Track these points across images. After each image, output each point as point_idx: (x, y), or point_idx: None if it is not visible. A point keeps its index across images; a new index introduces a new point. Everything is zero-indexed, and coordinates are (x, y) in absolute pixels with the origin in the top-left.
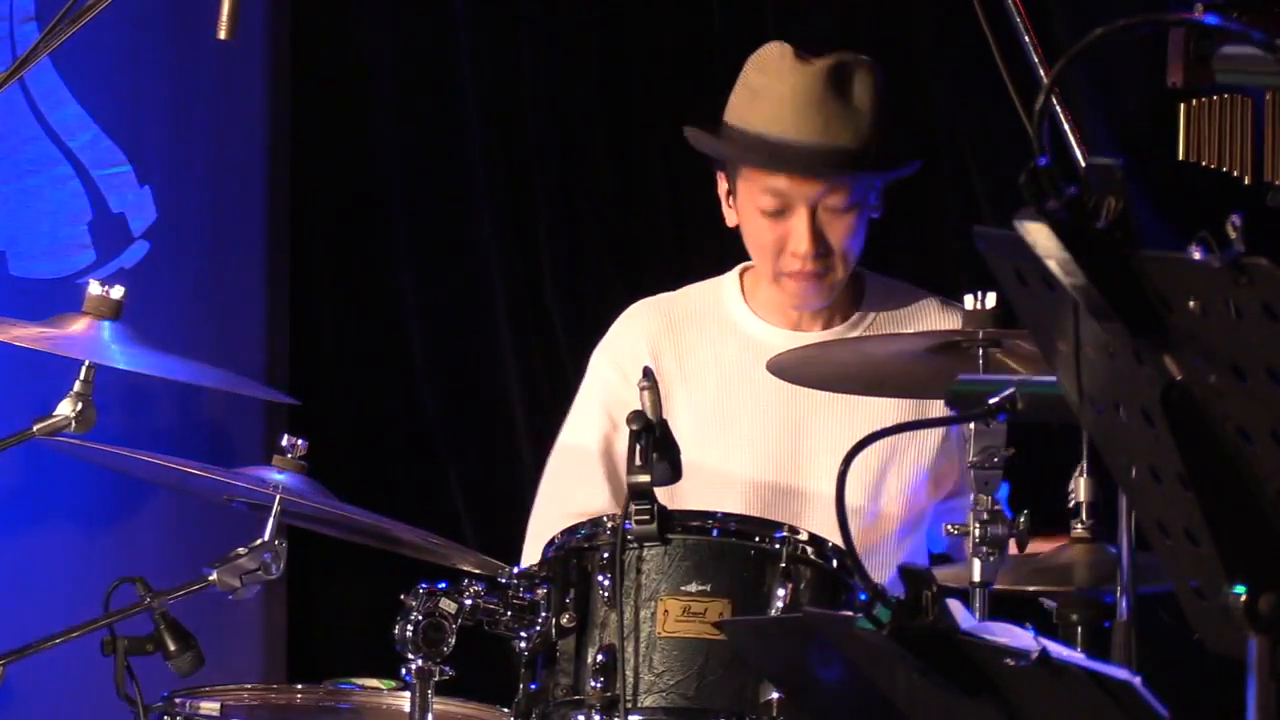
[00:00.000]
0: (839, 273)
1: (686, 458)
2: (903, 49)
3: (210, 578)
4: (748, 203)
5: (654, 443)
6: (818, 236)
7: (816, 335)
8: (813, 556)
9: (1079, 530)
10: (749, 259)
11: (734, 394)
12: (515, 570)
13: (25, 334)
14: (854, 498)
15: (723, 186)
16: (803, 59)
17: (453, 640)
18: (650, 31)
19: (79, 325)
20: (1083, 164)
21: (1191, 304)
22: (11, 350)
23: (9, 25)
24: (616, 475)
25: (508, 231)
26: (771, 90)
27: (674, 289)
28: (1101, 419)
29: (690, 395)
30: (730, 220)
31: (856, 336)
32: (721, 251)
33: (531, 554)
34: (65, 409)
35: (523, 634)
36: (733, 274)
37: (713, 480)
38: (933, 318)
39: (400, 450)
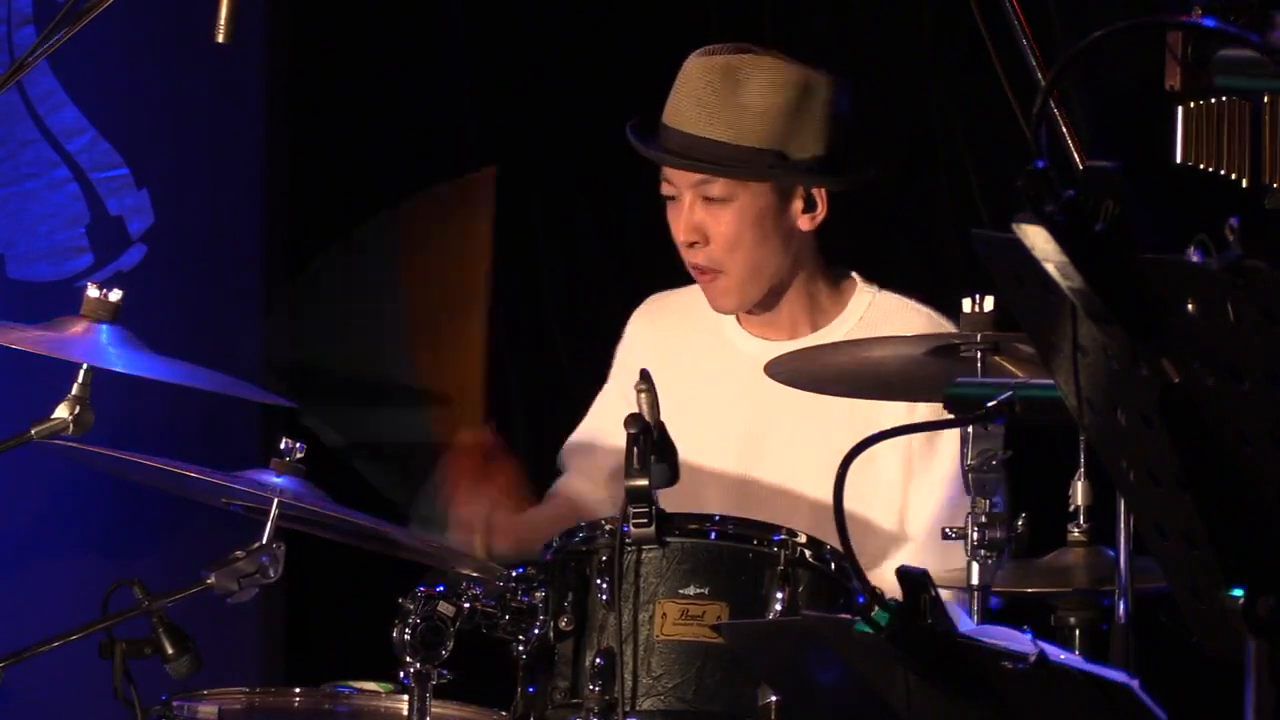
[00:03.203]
0: (731, 275)
1: None
2: (900, 51)
3: (208, 581)
4: None
5: (652, 445)
6: (693, 227)
7: (793, 344)
8: (811, 559)
9: (1076, 534)
10: None
11: (715, 397)
12: (513, 574)
13: (23, 337)
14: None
15: None
16: (710, 52)
17: (451, 644)
18: (648, 34)
19: (77, 328)
20: (1080, 167)
21: (1190, 307)
22: (9, 353)
23: (6, 28)
24: None
25: (505, 235)
26: (676, 80)
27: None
28: (1100, 422)
29: (675, 397)
30: None
31: (855, 340)
32: None
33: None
34: (63, 412)
35: (521, 637)
36: None
37: (699, 485)
38: (920, 331)
39: None
